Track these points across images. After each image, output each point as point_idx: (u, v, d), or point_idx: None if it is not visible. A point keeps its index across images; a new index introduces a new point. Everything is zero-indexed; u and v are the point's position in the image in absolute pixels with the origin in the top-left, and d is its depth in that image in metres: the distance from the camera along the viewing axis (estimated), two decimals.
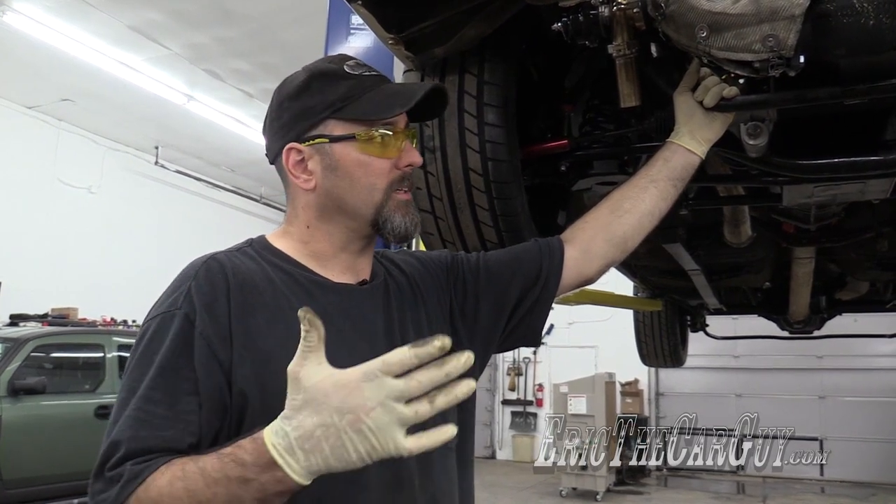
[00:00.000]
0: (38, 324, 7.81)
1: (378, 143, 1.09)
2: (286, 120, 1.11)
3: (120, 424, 0.92)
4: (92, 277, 10.02)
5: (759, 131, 1.42)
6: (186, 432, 0.92)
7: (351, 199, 1.10)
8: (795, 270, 3.12)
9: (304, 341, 0.81)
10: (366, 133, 1.08)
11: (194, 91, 9.37)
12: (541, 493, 9.95)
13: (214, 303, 0.99)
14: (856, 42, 1.12)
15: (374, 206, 1.10)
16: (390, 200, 1.11)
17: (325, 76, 1.11)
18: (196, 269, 1.02)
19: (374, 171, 1.10)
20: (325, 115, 1.08)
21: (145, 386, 0.94)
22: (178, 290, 1.00)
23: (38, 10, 7.46)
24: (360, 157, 1.09)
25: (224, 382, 0.96)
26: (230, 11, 7.40)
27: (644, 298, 4.45)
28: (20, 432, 6.04)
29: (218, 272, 1.02)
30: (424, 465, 1.05)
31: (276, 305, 1.02)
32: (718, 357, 11.05)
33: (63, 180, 10.40)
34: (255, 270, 1.05)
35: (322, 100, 1.09)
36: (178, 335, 0.96)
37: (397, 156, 1.11)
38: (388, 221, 1.10)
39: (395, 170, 1.11)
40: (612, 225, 1.34)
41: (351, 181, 1.09)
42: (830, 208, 2.18)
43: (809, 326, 4.50)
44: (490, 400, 13.25)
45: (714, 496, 10.07)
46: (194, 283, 1.00)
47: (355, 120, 1.08)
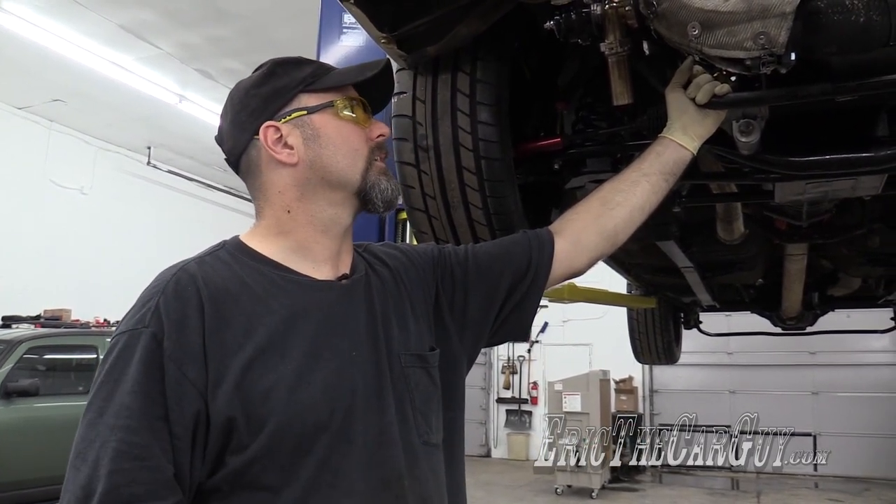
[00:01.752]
0: (30, 325, 7.78)
1: (357, 109, 1.14)
2: (255, 105, 1.11)
3: (97, 455, 0.89)
4: (85, 278, 9.99)
5: (750, 128, 1.43)
6: (166, 459, 0.90)
7: (336, 166, 1.10)
8: (788, 267, 3.13)
9: None
10: (342, 100, 1.12)
11: (186, 91, 9.34)
12: (536, 490, 9.97)
13: (185, 319, 0.95)
14: (846, 39, 1.12)
15: (359, 171, 1.12)
16: (372, 167, 1.13)
17: (288, 63, 1.14)
18: (165, 282, 0.99)
19: (354, 136, 1.12)
20: (297, 90, 1.11)
21: (117, 412, 0.90)
22: (145, 305, 0.97)
23: (29, 10, 7.42)
24: (340, 124, 1.11)
25: (200, 403, 0.93)
26: (222, 10, 7.38)
27: (638, 296, 4.47)
28: (13, 435, 6.02)
29: (188, 285, 0.98)
30: (411, 465, 1.04)
31: (253, 312, 1.00)
32: (712, 354, 11.06)
33: (55, 181, 10.37)
34: (228, 277, 1.03)
35: (291, 79, 1.11)
36: (146, 357, 0.93)
37: (368, 127, 1.15)
38: (374, 185, 1.12)
39: (369, 140, 1.14)
40: (603, 217, 1.34)
41: (334, 147, 1.10)
42: (822, 205, 2.19)
43: (802, 323, 4.51)
44: (485, 398, 13.26)
45: (709, 492, 10.11)
46: (162, 299, 0.96)
47: (328, 90, 1.12)
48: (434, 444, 1.11)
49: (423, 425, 1.09)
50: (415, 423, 1.08)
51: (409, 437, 1.06)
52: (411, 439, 1.06)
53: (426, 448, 1.09)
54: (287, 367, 0.98)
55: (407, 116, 1.63)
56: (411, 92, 1.62)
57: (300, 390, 0.97)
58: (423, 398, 1.11)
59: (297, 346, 1.00)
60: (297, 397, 0.97)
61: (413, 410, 1.09)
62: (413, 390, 1.10)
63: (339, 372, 1.02)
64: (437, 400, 1.14)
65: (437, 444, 1.12)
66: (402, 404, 1.07)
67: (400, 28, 1.46)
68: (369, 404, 1.03)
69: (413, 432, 1.07)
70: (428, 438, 1.10)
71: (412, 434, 1.07)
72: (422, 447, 1.08)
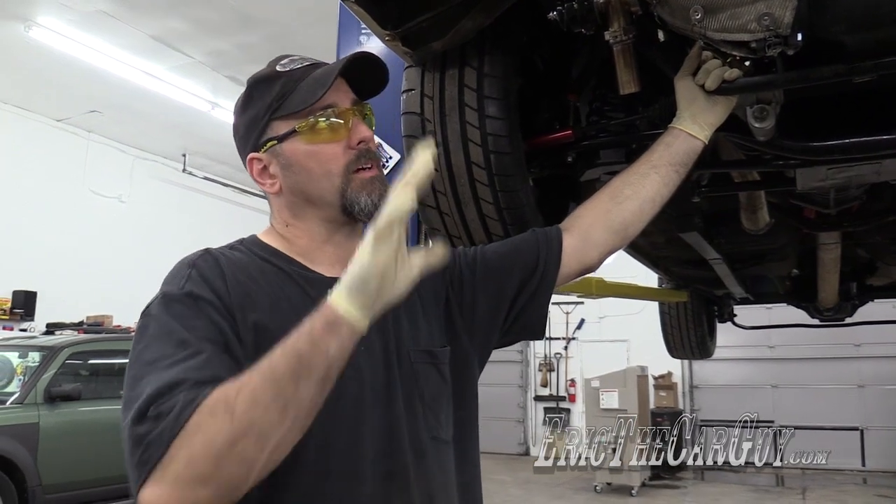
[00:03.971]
0: (73, 332, 7.97)
1: (322, 128, 1.08)
2: (242, 134, 1.14)
3: (152, 377, 0.85)
4: (125, 284, 10.18)
5: (765, 114, 1.39)
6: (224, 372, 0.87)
7: (313, 190, 1.09)
8: (822, 256, 3.05)
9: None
10: (305, 124, 1.08)
11: (218, 97, 9.47)
12: (575, 488, 9.89)
13: (215, 284, 0.98)
14: (854, 17, 1.09)
15: (336, 191, 1.09)
16: (352, 182, 1.09)
17: (261, 82, 1.13)
18: (193, 260, 1.02)
19: (325, 157, 1.09)
20: (266, 118, 1.10)
21: (166, 347, 0.89)
22: (177, 276, 0.99)
23: (62, 23, 7.60)
24: (307, 149, 1.09)
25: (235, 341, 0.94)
26: (249, 17, 7.48)
27: (668, 289, 4.39)
28: (57, 438, 6.18)
29: (214, 265, 1.02)
30: (417, 458, 1.05)
31: (270, 294, 1.03)
32: (753, 348, 10.88)
33: (94, 190, 10.62)
34: (248, 264, 1.06)
35: (262, 105, 1.10)
36: (187, 305, 0.94)
37: (347, 136, 1.10)
38: (354, 203, 1.09)
39: (348, 150, 1.10)
40: (612, 212, 1.32)
41: (307, 174, 1.09)
42: (850, 191, 2.12)
43: (840, 314, 4.39)
44: (522, 396, 13.21)
45: (752, 489, 9.92)
46: (193, 270, 0.99)
47: (293, 114, 1.08)
48: (443, 440, 1.11)
49: (431, 420, 1.10)
50: (423, 417, 1.08)
51: (416, 432, 1.06)
52: (419, 433, 1.07)
53: (434, 443, 1.09)
54: None
55: (415, 113, 1.62)
56: (419, 88, 1.61)
57: None
58: (432, 394, 1.11)
59: None
60: None
61: (422, 405, 1.09)
62: (422, 386, 1.10)
63: (347, 364, 1.02)
64: (446, 396, 1.15)
65: (446, 441, 1.12)
66: (411, 399, 1.08)
67: (403, 25, 1.45)
68: (377, 396, 1.04)
69: (421, 427, 1.07)
70: (437, 434, 1.10)
71: (420, 428, 1.07)
72: (430, 442, 1.08)
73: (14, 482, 5.87)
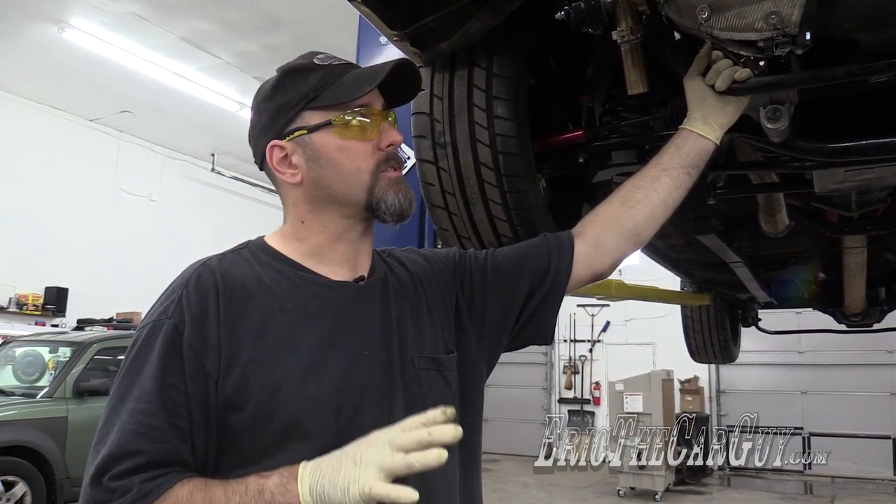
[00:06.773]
0: (103, 328, 8.11)
1: (356, 126, 1.08)
2: (265, 121, 1.12)
3: (117, 435, 0.93)
4: (154, 282, 10.22)
5: (778, 115, 1.36)
6: (182, 443, 0.95)
7: (339, 185, 1.09)
8: (847, 261, 2.99)
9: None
10: (341, 118, 1.08)
11: (246, 98, 9.57)
12: (598, 492, 9.81)
13: (205, 311, 1.00)
14: (865, 15, 1.06)
15: (364, 188, 1.09)
16: (380, 180, 1.09)
17: (296, 71, 1.11)
18: (188, 277, 1.04)
19: (356, 154, 1.09)
20: (300, 107, 1.09)
21: (137, 397, 0.95)
22: (169, 298, 1.02)
23: (95, 25, 7.75)
24: (340, 143, 1.08)
25: (213, 392, 0.97)
26: (276, 19, 7.55)
27: (690, 293, 4.33)
28: (85, 432, 6.27)
29: (208, 279, 1.03)
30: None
31: (267, 307, 1.03)
32: (783, 353, 10.68)
33: (125, 189, 10.82)
34: (247, 274, 1.06)
35: (295, 93, 1.09)
36: (168, 346, 0.97)
37: (377, 137, 1.10)
38: (381, 201, 1.09)
39: (377, 151, 1.10)
40: (623, 217, 1.31)
41: (336, 168, 1.08)
42: (873, 194, 2.07)
43: (868, 319, 4.30)
44: (546, 399, 13.14)
45: (780, 496, 9.76)
46: (185, 293, 1.01)
47: (329, 107, 1.08)
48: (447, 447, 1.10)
49: None
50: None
51: None
52: None
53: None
54: (297, 363, 1.00)
55: (425, 114, 1.62)
56: (429, 89, 1.61)
57: (309, 385, 0.99)
58: (435, 400, 1.10)
59: (309, 343, 1.02)
60: (305, 392, 0.99)
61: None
62: (426, 392, 1.10)
63: (348, 369, 1.03)
64: (451, 403, 1.13)
65: (451, 447, 1.11)
66: (414, 405, 1.07)
67: (411, 25, 1.45)
68: (378, 402, 1.04)
69: None
70: None
71: None
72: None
73: (43, 475, 5.98)
